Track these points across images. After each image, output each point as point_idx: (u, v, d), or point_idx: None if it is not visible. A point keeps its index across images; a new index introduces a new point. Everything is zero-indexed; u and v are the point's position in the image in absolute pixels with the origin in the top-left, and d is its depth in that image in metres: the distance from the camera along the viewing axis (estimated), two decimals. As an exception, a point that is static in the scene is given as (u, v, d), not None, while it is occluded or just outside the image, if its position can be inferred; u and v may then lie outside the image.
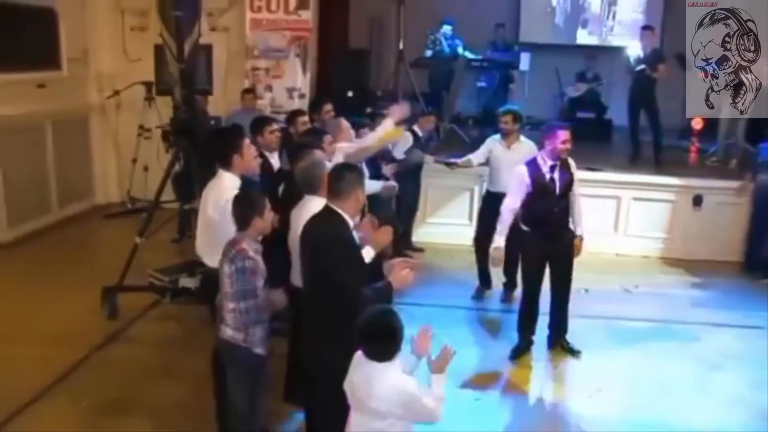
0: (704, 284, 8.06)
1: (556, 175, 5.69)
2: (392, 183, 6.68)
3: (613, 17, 13.15)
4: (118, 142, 10.22)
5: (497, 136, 7.12)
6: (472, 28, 11.27)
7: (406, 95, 10.04)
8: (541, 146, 5.88)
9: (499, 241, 5.82)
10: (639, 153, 9.47)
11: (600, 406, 5.43)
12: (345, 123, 6.28)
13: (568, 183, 5.79)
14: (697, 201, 8.70)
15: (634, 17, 13.00)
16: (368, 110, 8.96)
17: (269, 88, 9.19)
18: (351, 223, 3.97)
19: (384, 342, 3.24)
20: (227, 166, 4.63)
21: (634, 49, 9.54)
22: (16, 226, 8.51)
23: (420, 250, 8.65)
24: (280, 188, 5.34)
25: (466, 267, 7.75)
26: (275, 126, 5.97)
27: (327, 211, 3.98)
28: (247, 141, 4.74)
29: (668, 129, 10.70)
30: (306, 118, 6.64)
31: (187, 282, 6.57)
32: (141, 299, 6.81)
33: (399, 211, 8.23)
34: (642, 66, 9.29)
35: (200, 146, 6.24)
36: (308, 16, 9.18)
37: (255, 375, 4.08)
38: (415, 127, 8.15)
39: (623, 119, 10.49)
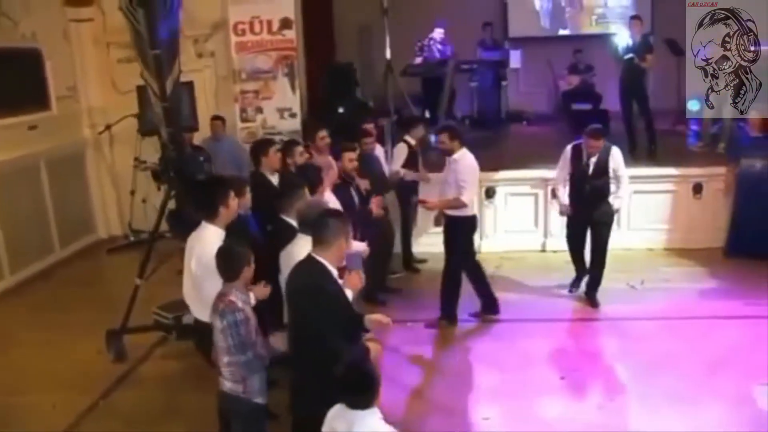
0: (709, 274, 8.04)
1: (592, 161, 7.02)
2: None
3: (603, 5, 13.00)
4: (114, 175, 10.24)
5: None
6: (461, 29, 11.21)
7: (398, 104, 10.05)
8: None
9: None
10: (636, 146, 9.39)
11: (611, 417, 5.41)
12: (333, 163, 6.56)
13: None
14: (697, 189, 8.65)
15: (623, 3, 12.89)
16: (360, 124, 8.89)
17: (260, 109, 9.18)
18: (334, 272, 3.99)
19: (363, 391, 3.32)
20: (212, 218, 4.61)
21: (623, 38, 9.46)
22: (19, 271, 8.57)
23: (423, 261, 8.63)
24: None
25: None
26: (277, 146, 6.28)
27: (310, 260, 4.03)
28: (232, 193, 4.71)
29: (663, 113, 10.65)
30: (302, 148, 6.68)
31: (190, 319, 6.52)
32: (148, 335, 6.82)
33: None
34: (631, 55, 9.23)
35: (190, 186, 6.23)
36: (292, 35, 9.15)
37: (257, 425, 4.08)
38: (408, 138, 8.12)
39: (618, 105, 10.45)
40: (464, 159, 6.66)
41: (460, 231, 6.80)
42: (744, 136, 8.25)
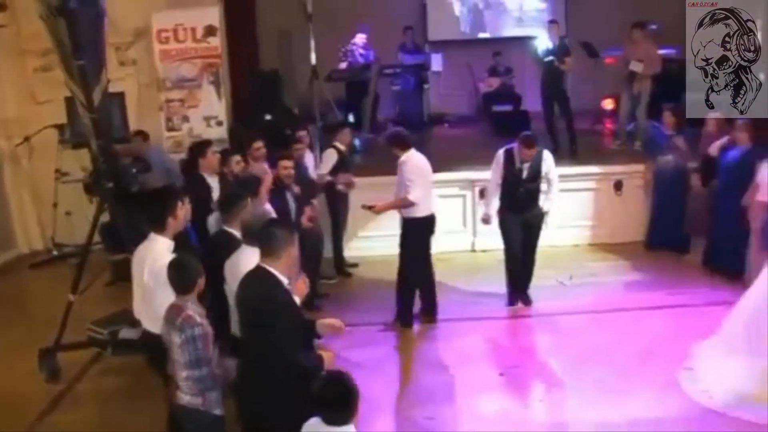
0: (633, 267, 8.41)
1: (525, 166, 7.13)
2: None
3: (519, 8, 13.33)
4: (35, 187, 9.88)
5: None
6: (382, 34, 11.33)
7: (323, 109, 10.08)
8: None
9: None
10: (558, 146, 9.72)
11: (551, 410, 5.62)
12: (268, 170, 6.55)
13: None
14: (618, 186, 9.03)
15: (538, 7, 13.26)
16: (288, 131, 8.91)
17: (186, 118, 9.04)
18: (285, 281, 4.02)
19: (341, 407, 3.31)
20: (161, 229, 4.57)
21: (543, 42, 9.77)
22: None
23: (354, 265, 8.72)
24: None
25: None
26: (215, 148, 6.31)
27: (260, 271, 4.03)
28: (180, 203, 4.68)
29: (582, 112, 11.04)
30: (239, 157, 6.67)
31: (128, 333, 6.45)
32: (82, 353, 6.66)
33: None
34: (551, 58, 9.55)
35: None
36: (217, 42, 9.06)
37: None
38: (337, 143, 8.19)
39: (538, 105, 10.69)
40: (411, 160, 6.78)
41: (412, 232, 6.89)
42: (659, 135, 8.64)
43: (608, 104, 11.56)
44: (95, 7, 6.28)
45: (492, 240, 8.05)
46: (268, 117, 9.09)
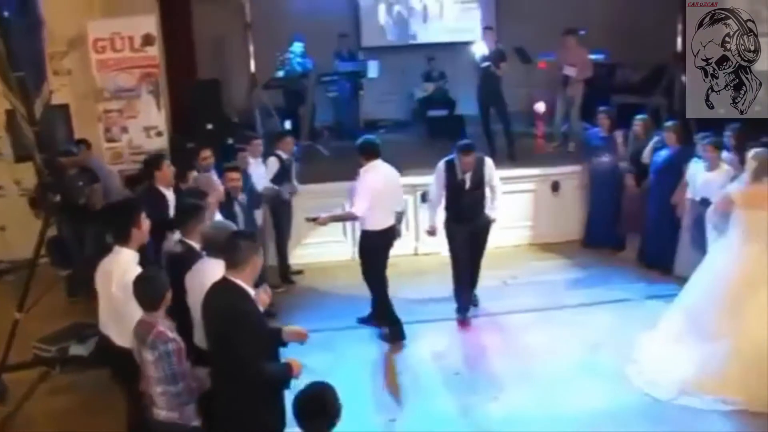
0: (573, 264, 8.70)
1: (467, 176, 7.07)
2: None
3: (448, 17, 13.52)
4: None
5: None
6: (319, 41, 11.37)
7: (262, 117, 10.06)
8: None
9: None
10: (495, 150, 9.96)
11: (508, 406, 5.80)
12: (216, 180, 6.63)
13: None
14: (555, 187, 9.32)
15: (471, 14, 13.49)
16: (229, 141, 8.88)
17: (125, 129, 8.83)
18: (251, 292, 4.05)
19: (322, 419, 3.37)
20: (125, 241, 4.53)
21: (480, 47, 10.00)
22: None
23: (299, 272, 8.74)
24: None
25: (349, 283, 7.91)
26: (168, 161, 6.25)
27: (225, 283, 4.05)
28: (143, 214, 4.64)
29: (516, 115, 11.31)
30: (195, 173, 6.63)
31: (78, 350, 6.36)
32: (28, 372, 6.49)
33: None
34: (487, 63, 9.79)
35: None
36: (155, 51, 8.92)
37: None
38: (279, 152, 8.20)
39: (472, 109, 10.98)
40: (368, 172, 6.74)
41: (366, 245, 6.90)
42: (595, 137, 8.98)
43: (540, 107, 11.86)
44: (32, 17, 6.14)
45: (434, 243, 8.18)
46: (209, 126, 8.99)
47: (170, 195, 6.11)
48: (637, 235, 8.70)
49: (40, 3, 6.23)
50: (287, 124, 10.75)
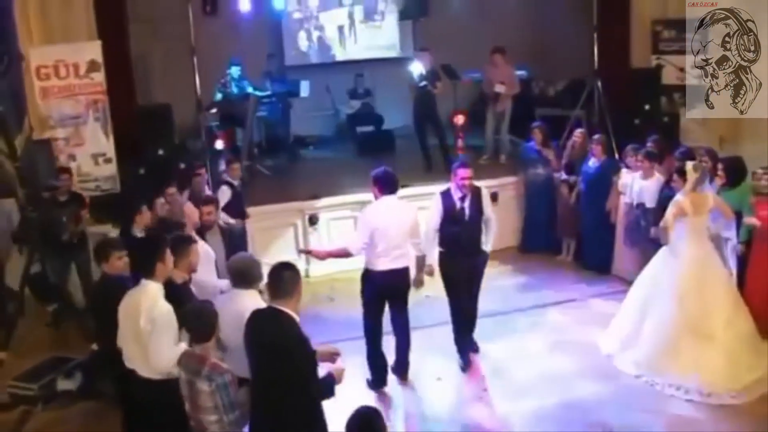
0: (515, 270, 9.31)
1: (466, 204, 6.64)
2: None
3: (364, 36, 13.93)
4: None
5: None
6: (257, 63, 11.59)
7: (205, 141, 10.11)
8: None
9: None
10: (432, 165, 10.46)
11: (494, 401, 6.34)
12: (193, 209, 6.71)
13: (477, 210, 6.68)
14: (494, 197, 9.82)
15: (381, 33, 13.96)
16: (182, 165, 8.93)
17: (72, 157, 8.74)
18: (297, 319, 4.30)
19: None
20: (152, 275, 4.66)
21: (417, 68, 10.48)
22: None
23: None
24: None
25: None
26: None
27: (274, 311, 4.28)
28: (168, 249, 4.78)
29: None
30: (163, 200, 6.70)
31: (66, 384, 6.31)
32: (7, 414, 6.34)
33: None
34: (424, 83, 10.29)
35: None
36: (101, 78, 8.89)
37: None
38: (228, 178, 8.32)
39: (398, 123, 11.47)
40: (371, 208, 6.43)
41: (364, 284, 6.48)
42: (530, 149, 9.66)
43: (459, 119, 12.40)
44: (9, 52, 6.10)
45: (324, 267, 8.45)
46: (160, 152, 9.00)
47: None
48: (571, 239, 9.44)
49: (18, 38, 6.17)
50: (219, 144, 10.80)
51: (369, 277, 6.40)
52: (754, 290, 6.81)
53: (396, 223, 6.28)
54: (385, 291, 6.39)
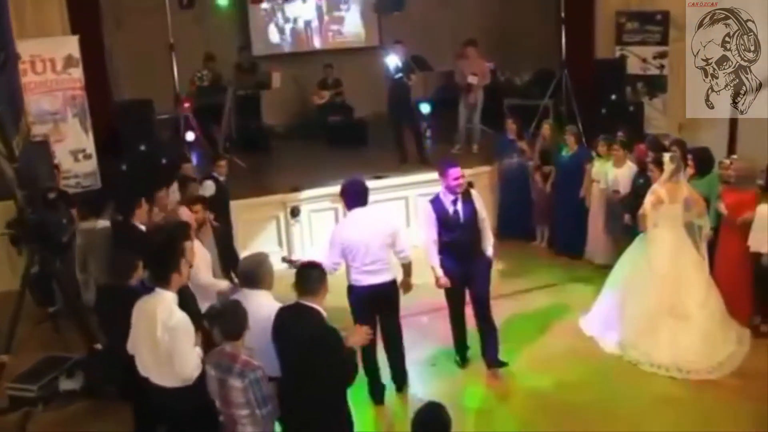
0: (497, 256, 9.45)
1: (459, 207, 6.41)
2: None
3: (339, 23, 14.06)
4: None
5: None
6: (224, 55, 11.59)
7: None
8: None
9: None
10: (407, 156, 10.68)
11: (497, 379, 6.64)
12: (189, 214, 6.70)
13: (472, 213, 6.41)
14: (470, 186, 10.11)
15: (345, 23, 14.11)
16: (164, 161, 8.96)
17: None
18: (324, 314, 4.52)
19: None
20: (166, 284, 4.72)
21: (392, 60, 10.68)
22: None
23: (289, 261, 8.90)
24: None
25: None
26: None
27: (302, 307, 4.52)
28: (183, 259, 4.87)
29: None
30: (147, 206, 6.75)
31: (68, 384, 6.30)
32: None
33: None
34: (400, 74, 10.50)
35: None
36: (79, 73, 8.85)
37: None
38: (215, 174, 8.36)
39: (367, 110, 11.59)
40: (341, 224, 6.43)
41: (348, 299, 6.19)
42: (504, 140, 9.97)
43: (425, 108, 12.61)
44: (5, 51, 6.07)
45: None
46: (142, 147, 9.00)
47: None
48: (545, 226, 9.79)
49: (14, 37, 6.14)
50: (189, 136, 10.78)
51: (353, 293, 6.12)
52: (721, 272, 7.23)
53: (369, 237, 5.92)
54: (372, 306, 6.07)
